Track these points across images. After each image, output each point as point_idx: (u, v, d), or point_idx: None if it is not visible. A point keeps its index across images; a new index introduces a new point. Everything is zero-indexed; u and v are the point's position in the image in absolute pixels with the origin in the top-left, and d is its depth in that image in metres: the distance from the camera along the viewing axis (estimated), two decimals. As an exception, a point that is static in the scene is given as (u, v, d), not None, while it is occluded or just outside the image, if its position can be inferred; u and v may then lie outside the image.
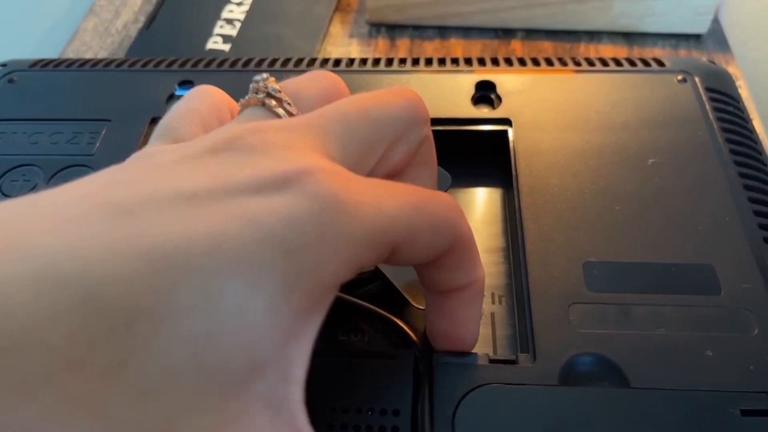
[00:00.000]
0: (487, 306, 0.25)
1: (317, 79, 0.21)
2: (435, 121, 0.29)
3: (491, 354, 0.22)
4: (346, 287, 0.24)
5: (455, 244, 0.18)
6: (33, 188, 0.27)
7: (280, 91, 0.19)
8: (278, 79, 0.24)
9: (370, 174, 0.19)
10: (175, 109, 0.20)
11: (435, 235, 0.18)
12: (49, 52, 0.48)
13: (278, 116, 0.18)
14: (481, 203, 0.29)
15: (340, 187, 0.15)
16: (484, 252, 0.27)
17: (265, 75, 0.19)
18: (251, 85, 0.19)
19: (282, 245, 0.13)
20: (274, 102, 0.19)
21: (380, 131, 0.18)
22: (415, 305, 0.23)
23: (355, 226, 0.15)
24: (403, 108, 0.19)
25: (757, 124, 0.38)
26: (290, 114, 0.19)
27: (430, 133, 0.21)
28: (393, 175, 0.20)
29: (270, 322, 0.13)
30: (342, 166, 0.16)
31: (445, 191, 0.26)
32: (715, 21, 0.44)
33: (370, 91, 0.19)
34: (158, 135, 0.19)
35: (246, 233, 0.13)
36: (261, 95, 0.19)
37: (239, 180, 0.14)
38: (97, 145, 0.28)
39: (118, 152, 0.27)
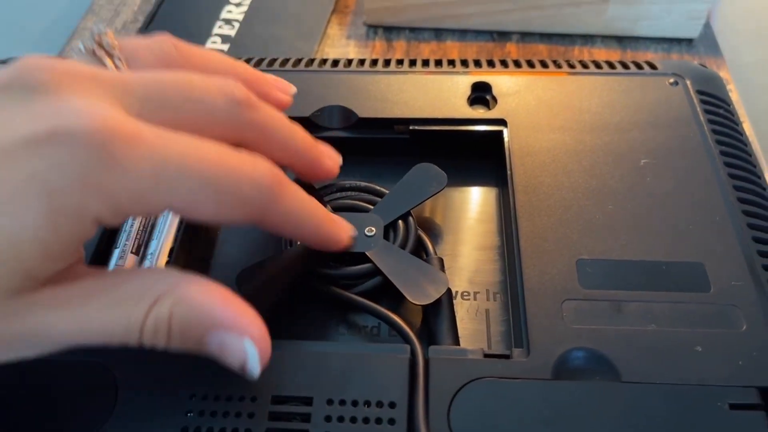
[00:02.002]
0: (481, 303, 0.25)
1: (158, 44, 0.21)
2: (432, 122, 0.29)
3: (486, 349, 0.22)
4: (343, 283, 0.25)
5: (263, 221, 0.19)
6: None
7: (114, 47, 0.19)
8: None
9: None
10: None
11: (225, 209, 0.18)
12: (49, 50, 0.48)
13: (104, 66, 0.19)
14: (476, 202, 0.29)
15: (114, 138, 0.16)
16: (478, 250, 0.27)
17: (106, 29, 0.20)
18: (89, 35, 0.20)
19: (46, 186, 0.15)
20: (104, 54, 0.19)
21: (189, 111, 0.19)
22: (412, 301, 0.23)
23: (118, 177, 0.16)
24: (220, 92, 0.19)
25: (747, 127, 0.38)
26: (116, 68, 0.19)
27: (261, 118, 0.21)
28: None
29: (38, 251, 0.16)
30: (126, 114, 0.17)
31: (441, 190, 0.27)
32: (707, 26, 0.45)
33: (200, 74, 0.20)
34: None
35: (13, 176, 0.15)
36: (93, 44, 0.19)
37: (14, 132, 0.16)
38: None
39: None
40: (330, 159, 0.24)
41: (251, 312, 0.18)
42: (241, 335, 0.18)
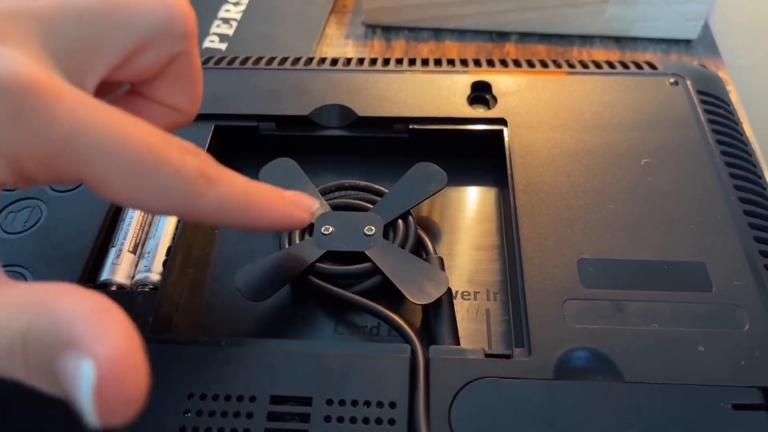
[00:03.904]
0: (481, 302, 0.25)
1: None
2: (431, 121, 0.29)
3: (486, 349, 0.22)
4: (342, 282, 0.24)
5: (187, 215, 0.18)
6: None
7: None
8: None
9: (106, 78, 0.18)
10: None
11: (139, 196, 0.16)
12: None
13: None
14: (475, 201, 0.29)
15: (27, 93, 0.15)
16: (478, 250, 0.27)
17: None
18: None
19: None
20: None
21: (119, 32, 0.17)
22: (412, 301, 0.23)
23: (25, 137, 0.15)
24: (156, 13, 0.18)
25: (746, 129, 0.38)
26: None
27: (192, 50, 0.20)
28: (136, 84, 0.20)
29: None
30: (52, 69, 0.16)
31: (441, 189, 0.27)
32: (705, 27, 0.45)
33: None
34: None
35: None
36: None
37: None
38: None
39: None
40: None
41: (116, 322, 0.14)
42: (82, 352, 0.13)
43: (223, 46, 0.44)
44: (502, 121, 0.29)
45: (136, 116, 0.17)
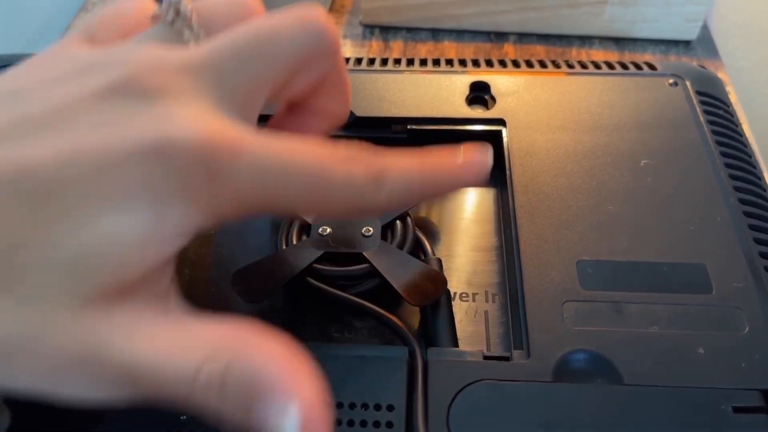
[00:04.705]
0: (480, 304, 0.25)
1: (234, 1, 0.20)
2: (430, 121, 0.29)
3: (485, 351, 0.22)
4: (340, 284, 0.24)
5: (361, 215, 0.20)
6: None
7: (190, 14, 0.19)
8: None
9: (267, 102, 0.19)
10: (105, 10, 0.20)
11: (322, 207, 0.18)
12: (42, 48, 0.47)
13: (182, 38, 0.19)
14: (473, 202, 0.29)
15: (216, 150, 0.16)
16: (477, 251, 0.27)
17: None
18: (166, 1, 0.19)
19: (152, 195, 0.15)
20: (182, 25, 0.19)
21: (275, 63, 0.18)
22: (410, 302, 0.23)
23: (221, 189, 0.16)
24: (303, 37, 0.19)
25: (746, 129, 0.38)
26: (196, 37, 0.19)
27: (339, 62, 0.20)
28: (296, 103, 0.21)
29: (134, 252, 0.15)
30: (226, 118, 0.17)
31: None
32: (704, 28, 0.45)
33: (274, 15, 0.19)
34: (78, 29, 0.20)
35: (121, 182, 0.15)
36: (171, 14, 0.19)
37: (124, 140, 0.15)
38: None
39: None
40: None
41: (307, 371, 0.15)
42: (287, 397, 0.15)
43: (220, 46, 0.43)
44: (501, 122, 0.29)
45: (293, 126, 0.19)
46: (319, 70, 0.20)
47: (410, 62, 0.32)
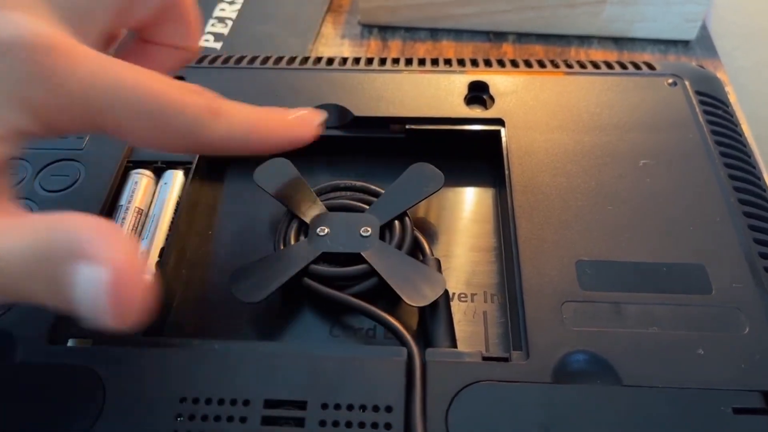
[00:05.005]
0: (479, 304, 0.25)
1: None
2: (428, 121, 0.29)
3: (484, 352, 0.22)
4: (338, 284, 0.24)
5: (201, 149, 0.21)
6: (20, 182, 0.26)
7: None
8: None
9: (109, 31, 0.20)
10: None
11: (154, 137, 0.18)
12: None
13: None
14: (472, 202, 0.29)
15: (50, 52, 0.16)
16: (475, 251, 0.27)
17: None
18: None
19: None
20: None
21: None
22: (408, 303, 0.23)
23: (50, 91, 0.16)
24: None
25: (745, 129, 0.38)
26: None
27: None
28: (137, 30, 0.22)
29: None
30: (62, 30, 0.17)
31: (438, 190, 0.26)
32: (703, 28, 0.45)
33: None
34: None
35: None
36: None
37: None
38: (86, 139, 0.28)
39: (107, 147, 0.27)
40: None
41: (121, 237, 0.16)
42: (95, 261, 0.15)
43: (218, 46, 0.43)
44: (500, 122, 0.28)
45: (142, 61, 0.19)
46: (159, 2, 0.21)
47: (409, 62, 0.32)
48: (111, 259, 0.15)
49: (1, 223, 0.16)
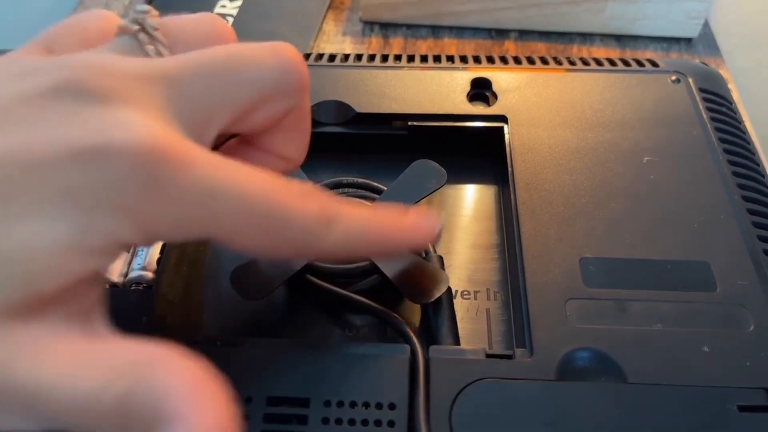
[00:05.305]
0: (482, 302, 0.25)
1: (203, 21, 0.20)
2: (431, 117, 0.29)
3: (487, 349, 0.21)
4: (341, 281, 0.24)
5: (316, 257, 0.19)
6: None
7: (156, 29, 0.18)
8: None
9: (225, 132, 0.18)
10: (65, 21, 0.19)
11: (268, 246, 0.17)
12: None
13: (146, 53, 0.18)
14: (475, 199, 0.29)
15: (161, 161, 0.15)
16: (478, 248, 0.27)
17: (148, 7, 0.18)
18: (131, 15, 0.18)
19: (80, 201, 0.14)
20: (146, 38, 0.18)
21: (238, 89, 0.17)
22: (411, 300, 0.22)
23: (159, 205, 0.15)
24: (273, 70, 0.18)
25: (749, 126, 0.38)
26: (159, 54, 0.18)
27: (304, 103, 0.20)
28: (249, 139, 0.20)
29: (52, 262, 0.14)
30: (178, 132, 0.16)
31: (441, 187, 0.26)
32: (706, 25, 0.45)
33: (246, 44, 0.18)
34: (36, 39, 0.19)
35: (50, 185, 0.14)
36: (136, 27, 0.18)
37: (61, 141, 0.15)
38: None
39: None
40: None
41: (214, 397, 0.14)
42: (186, 424, 0.13)
43: (219, 42, 0.43)
44: (503, 118, 0.28)
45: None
46: (282, 108, 0.19)
47: (411, 58, 0.32)
48: (200, 427, 0.13)
49: (76, 349, 0.15)
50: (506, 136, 0.28)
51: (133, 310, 0.22)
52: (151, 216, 0.15)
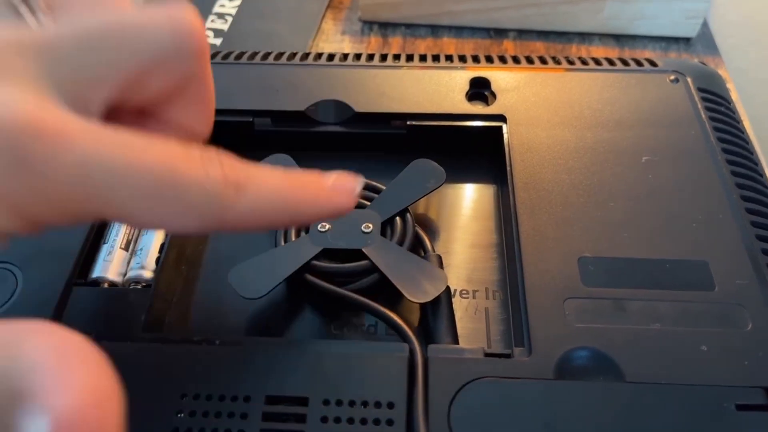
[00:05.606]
0: (480, 301, 0.25)
1: None
2: (430, 117, 0.29)
3: (486, 348, 0.21)
4: (339, 280, 0.24)
5: (224, 228, 0.17)
6: None
7: None
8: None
9: (115, 103, 0.17)
10: None
11: (166, 220, 0.16)
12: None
13: (23, 21, 0.17)
14: (473, 199, 0.29)
15: (30, 137, 0.14)
16: (477, 248, 0.27)
17: None
18: None
19: None
20: (25, 8, 0.17)
21: (123, 55, 0.16)
22: (410, 299, 0.22)
23: (33, 186, 0.14)
24: (165, 35, 0.17)
25: (747, 127, 0.38)
26: (41, 21, 0.17)
27: (204, 70, 0.19)
28: (148, 108, 0.19)
29: None
30: (54, 105, 0.15)
31: (439, 186, 0.26)
32: (704, 25, 0.45)
33: (141, 9, 0.17)
34: None
35: None
36: None
37: None
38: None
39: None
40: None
41: (84, 367, 0.12)
42: (39, 406, 0.11)
43: (218, 42, 0.43)
44: (502, 118, 0.28)
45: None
46: (178, 75, 0.18)
47: (409, 58, 0.32)
48: (59, 405, 0.11)
49: None
50: (505, 136, 0.28)
51: (132, 310, 0.22)
52: (27, 199, 0.14)
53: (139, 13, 0.17)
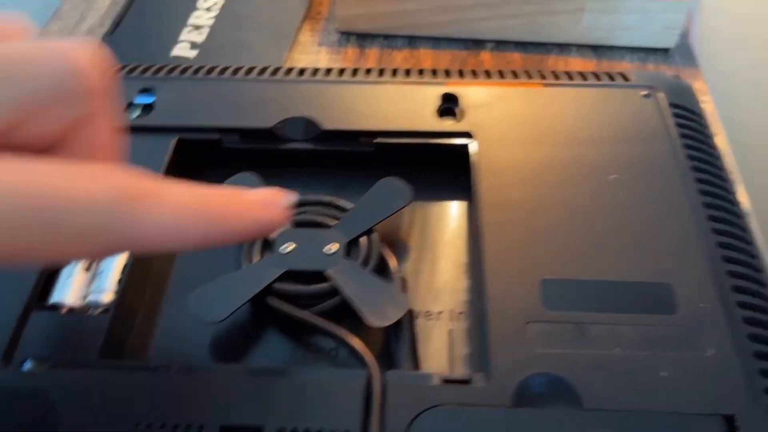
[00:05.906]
0: (445, 323, 0.25)
1: None
2: (397, 134, 0.29)
3: (448, 372, 0.21)
4: (303, 303, 0.24)
5: (125, 249, 0.16)
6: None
7: None
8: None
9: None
10: None
11: (53, 250, 0.14)
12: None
13: None
14: (444, 217, 0.29)
15: None
16: (445, 267, 0.27)
17: None
18: None
19: None
20: None
21: (4, 92, 0.15)
22: (369, 323, 0.22)
23: None
24: (53, 71, 0.16)
25: (723, 140, 0.38)
26: None
27: (101, 113, 0.17)
28: (41, 149, 0.17)
29: None
30: None
31: (406, 205, 0.26)
32: (683, 36, 0.44)
33: (35, 42, 0.16)
34: None
35: None
36: None
37: None
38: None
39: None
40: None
41: None
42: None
43: (194, 53, 0.43)
44: (468, 135, 0.28)
45: None
46: (70, 115, 0.16)
47: (381, 72, 0.32)
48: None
49: None
50: (471, 153, 0.27)
51: (89, 336, 0.22)
52: None
53: (32, 45, 0.16)
